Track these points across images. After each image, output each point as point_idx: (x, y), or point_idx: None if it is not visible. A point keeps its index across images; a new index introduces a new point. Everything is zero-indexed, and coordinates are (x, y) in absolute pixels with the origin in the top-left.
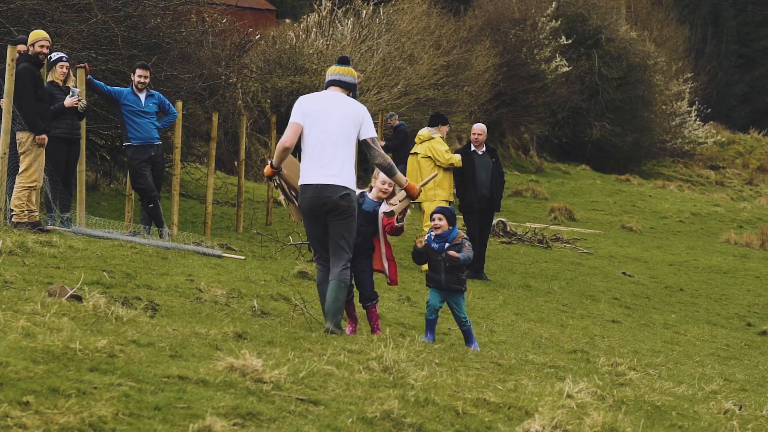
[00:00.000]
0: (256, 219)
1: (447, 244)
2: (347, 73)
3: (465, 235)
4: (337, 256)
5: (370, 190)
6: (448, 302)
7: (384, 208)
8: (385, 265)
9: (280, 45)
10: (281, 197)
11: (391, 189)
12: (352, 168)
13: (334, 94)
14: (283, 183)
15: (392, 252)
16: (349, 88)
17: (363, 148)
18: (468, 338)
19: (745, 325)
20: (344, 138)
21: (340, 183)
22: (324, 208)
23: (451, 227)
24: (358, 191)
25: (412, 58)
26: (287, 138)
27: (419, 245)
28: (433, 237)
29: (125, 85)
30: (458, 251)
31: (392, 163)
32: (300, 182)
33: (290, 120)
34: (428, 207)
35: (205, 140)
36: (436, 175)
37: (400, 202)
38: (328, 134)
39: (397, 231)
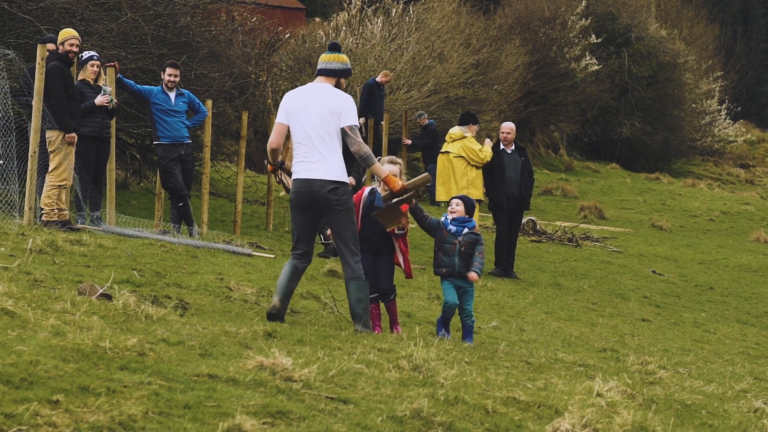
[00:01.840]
0: (286, 217)
1: (465, 229)
2: (334, 60)
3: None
4: (345, 258)
5: (380, 185)
6: (459, 294)
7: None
8: (400, 258)
9: (309, 44)
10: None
11: None
12: (339, 160)
13: (317, 86)
14: (284, 178)
15: (406, 244)
16: (336, 75)
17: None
18: (467, 333)
19: None
20: (327, 131)
21: (328, 177)
22: (314, 205)
23: (468, 216)
24: (369, 188)
25: (441, 57)
26: (272, 139)
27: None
28: (450, 220)
29: (155, 83)
30: (474, 243)
31: (369, 152)
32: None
33: (276, 120)
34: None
35: (234, 139)
36: (427, 176)
37: (383, 193)
38: (311, 130)
39: (398, 236)
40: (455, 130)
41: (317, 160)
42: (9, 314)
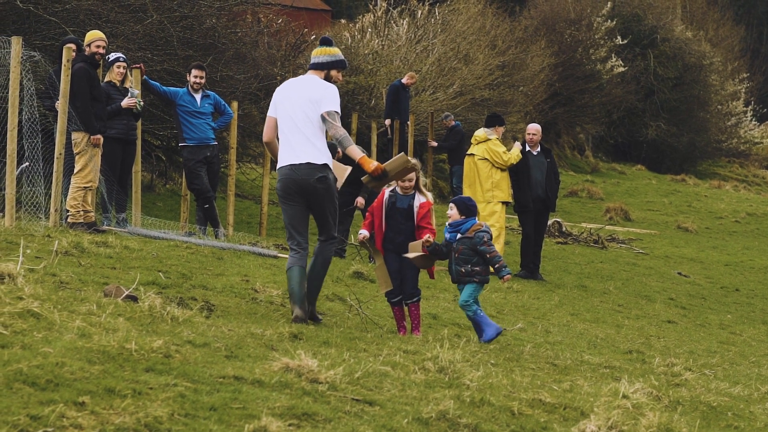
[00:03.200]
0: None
1: (459, 235)
2: (322, 53)
3: (485, 229)
4: (325, 229)
5: (397, 185)
6: None
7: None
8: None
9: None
10: None
11: (412, 183)
12: (324, 146)
13: (304, 78)
14: None
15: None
16: (324, 68)
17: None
18: (476, 328)
19: None
20: (309, 119)
21: (313, 161)
22: (301, 191)
23: (464, 217)
24: (389, 189)
25: (467, 59)
26: (264, 133)
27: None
28: (447, 227)
29: (181, 85)
30: (473, 246)
31: (346, 135)
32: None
33: (267, 114)
34: (483, 208)
35: (260, 140)
36: (403, 155)
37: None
38: (295, 120)
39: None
40: (480, 133)
41: (301, 145)
42: (35, 316)
